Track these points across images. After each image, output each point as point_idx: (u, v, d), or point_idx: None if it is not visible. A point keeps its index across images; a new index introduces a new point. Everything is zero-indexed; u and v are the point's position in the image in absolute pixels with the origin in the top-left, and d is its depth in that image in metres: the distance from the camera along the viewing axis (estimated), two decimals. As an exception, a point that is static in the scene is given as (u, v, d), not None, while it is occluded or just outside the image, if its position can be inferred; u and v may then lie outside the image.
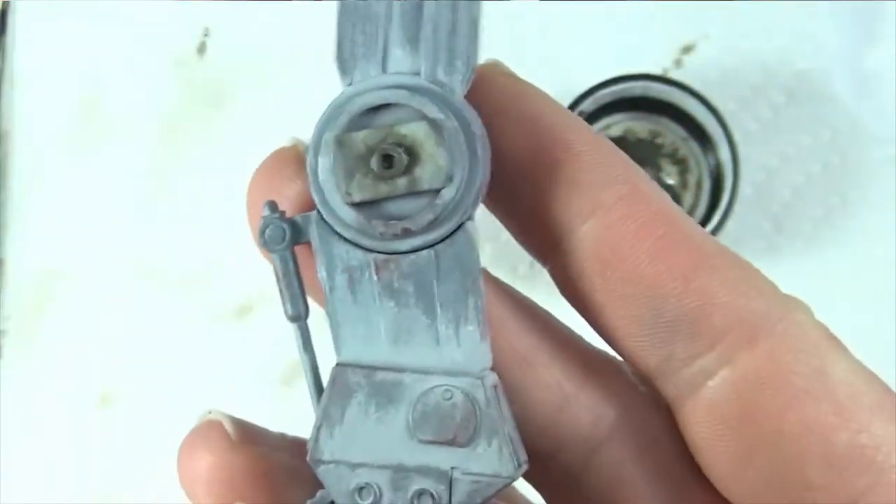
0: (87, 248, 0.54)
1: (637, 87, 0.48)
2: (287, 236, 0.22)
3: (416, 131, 0.21)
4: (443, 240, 0.22)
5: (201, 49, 0.54)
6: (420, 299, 0.22)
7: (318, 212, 0.22)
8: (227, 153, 0.53)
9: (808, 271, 0.50)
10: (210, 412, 0.22)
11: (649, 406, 0.21)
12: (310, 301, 0.22)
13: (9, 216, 0.54)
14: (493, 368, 0.22)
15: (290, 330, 0.23)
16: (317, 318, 0.22)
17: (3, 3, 0.54)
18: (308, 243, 0.22)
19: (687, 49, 0.51)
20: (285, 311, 0.22)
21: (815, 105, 0.50)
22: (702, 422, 0.20)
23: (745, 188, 0.49)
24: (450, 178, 0.21)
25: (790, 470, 0.19)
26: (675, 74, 0.50)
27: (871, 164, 0.50)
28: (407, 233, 0.21)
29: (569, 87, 0.48)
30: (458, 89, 0.21)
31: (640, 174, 0.21)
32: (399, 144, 0.21)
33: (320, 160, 0.21)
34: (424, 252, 0.22)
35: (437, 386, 0.22)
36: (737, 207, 0.46)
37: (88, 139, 0.54)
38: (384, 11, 0.21)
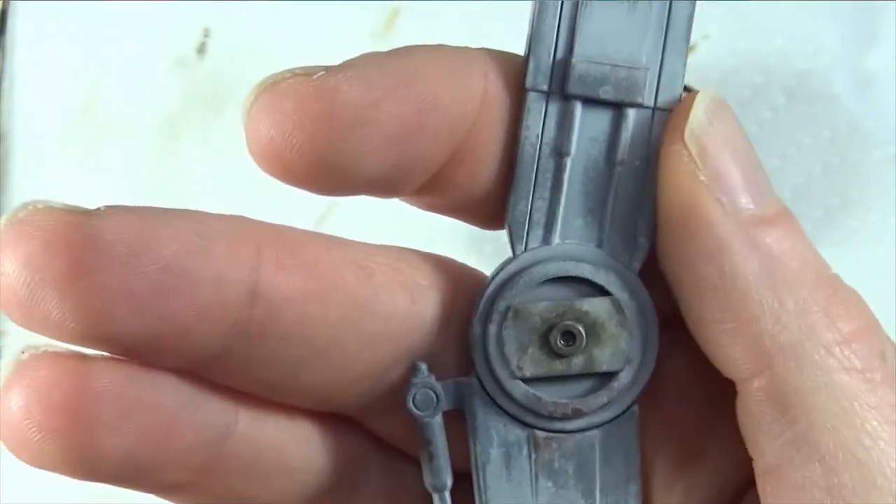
0: (87, 249, 0.53)
1: (637, 88, 0.48)
2: (437, 402, 0.21)
3: (598, 309, 0.20)
4: (610, 421, 0.21)
5: (201, 49, 0.54)
6: (580, 481, 0.21)
7: (479, 380, 0.21)
8: (227, 153, 0.53)
9: (808, 271, 0.50)
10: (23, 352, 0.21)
11: None
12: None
13: (9, 216, 0.54)
14: None
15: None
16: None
17: (3, 3, 0.54)
18: (458, 411, 0.21)
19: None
20: (426, 481, 0.21)
21: (815, 105, 0.50)
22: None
23: (745, 188, 0.49)
24: (628, 361, 0.21)
25: None
26: (675, 74, 0.50)
27: (871, 164, 0.50)
28: (577, 413, 0.21)
29: (569, 88, 0.48)
30: (637, 266, 0.21)
31: None
32: (579, 321, 0.20)
33: (491, 328, 0.21)
34: (590, 432, 0.21)
35: None
36: (737, 207, 0.46)
37: (88, 139, 0.54)
38: (568, 177, 0.21)
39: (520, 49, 0.22)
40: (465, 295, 0.21)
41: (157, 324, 0.19)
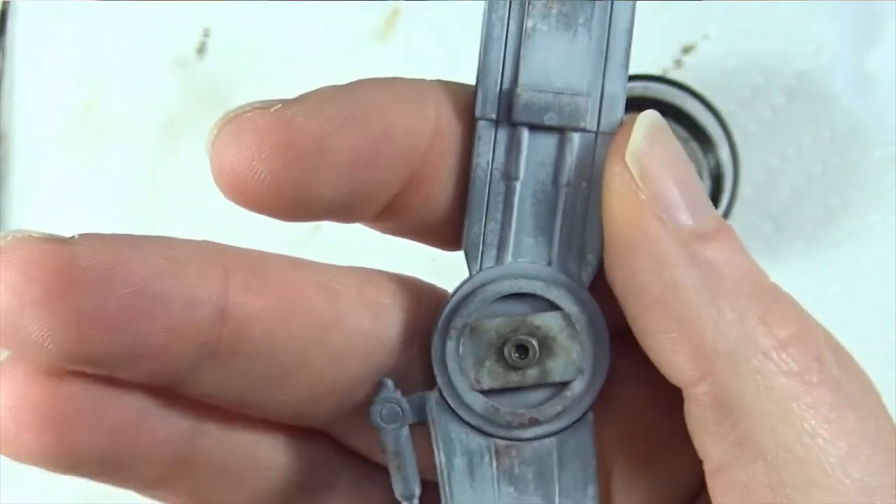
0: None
1: (637, 88, 0.48)
2: (403, 416, 0.22)
3: (549, 323, 0.22)
4: (566, 428, 0.22)
5: (201, 49, 0.54)
6: (540, 486, 0.22)
7: (440, 394, 0.22)
8: (227, 153, 0.53)
9: (808, 271, 0.50)
10: None
11: None
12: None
13: (9, 216, 0.54)
14: None
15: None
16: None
17: (3, 3, 0.54)
18: (423, 423, 0.22)
19: (687, 49, 0.51)
20: (396, 490, 0.22)
21: (815, 105, 0.50)
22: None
23: (745, 188, 0.49)
24: (580, 371, 0.22)
25: None
26: (675, 75, 0.50)
27: (871, 164, 0.50)
28: (533, 422, 0.22)
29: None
30: (587, 281, 0.22)
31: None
32: (532, 335, 0.22)
33: (448, 344, 0.22)
34: (547, 440, 0.22)
35: None
36: (737, 208, 0.46)
37: (88, 139, 0.54)
38: (518, 200, 0.22)
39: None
40: (427, 313, 0.22)
41: (130, 344, 0.20)
